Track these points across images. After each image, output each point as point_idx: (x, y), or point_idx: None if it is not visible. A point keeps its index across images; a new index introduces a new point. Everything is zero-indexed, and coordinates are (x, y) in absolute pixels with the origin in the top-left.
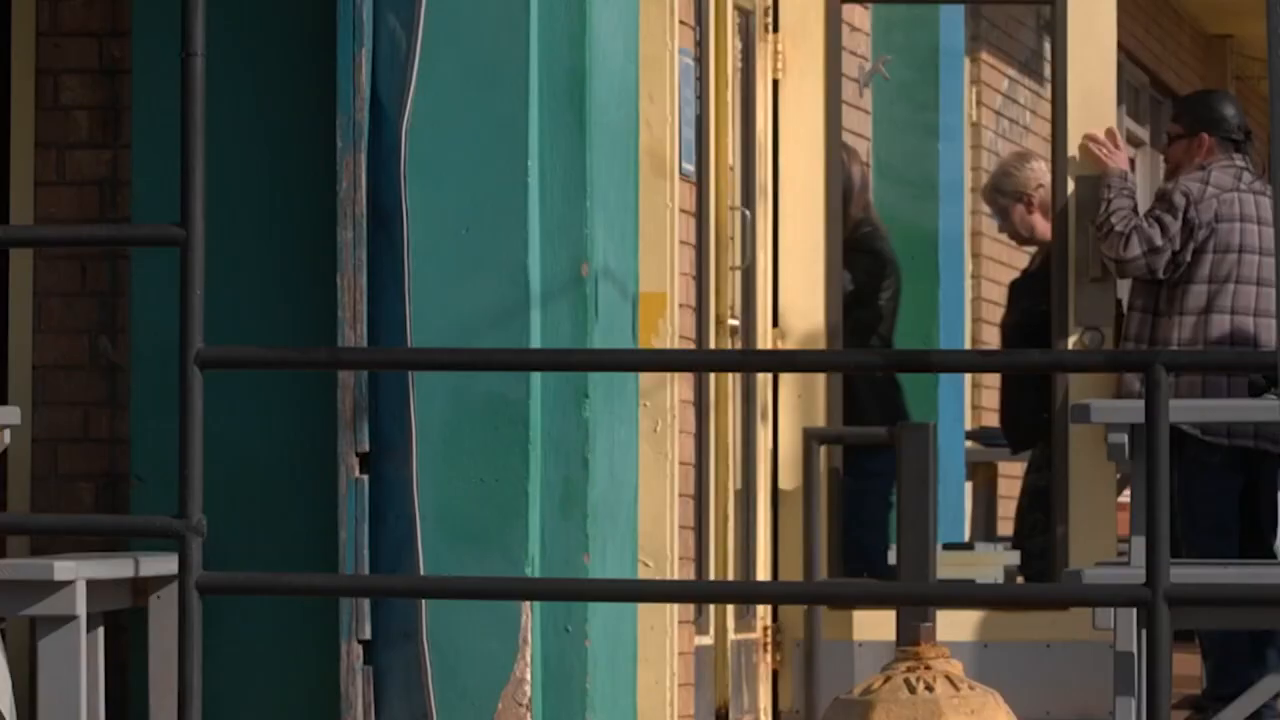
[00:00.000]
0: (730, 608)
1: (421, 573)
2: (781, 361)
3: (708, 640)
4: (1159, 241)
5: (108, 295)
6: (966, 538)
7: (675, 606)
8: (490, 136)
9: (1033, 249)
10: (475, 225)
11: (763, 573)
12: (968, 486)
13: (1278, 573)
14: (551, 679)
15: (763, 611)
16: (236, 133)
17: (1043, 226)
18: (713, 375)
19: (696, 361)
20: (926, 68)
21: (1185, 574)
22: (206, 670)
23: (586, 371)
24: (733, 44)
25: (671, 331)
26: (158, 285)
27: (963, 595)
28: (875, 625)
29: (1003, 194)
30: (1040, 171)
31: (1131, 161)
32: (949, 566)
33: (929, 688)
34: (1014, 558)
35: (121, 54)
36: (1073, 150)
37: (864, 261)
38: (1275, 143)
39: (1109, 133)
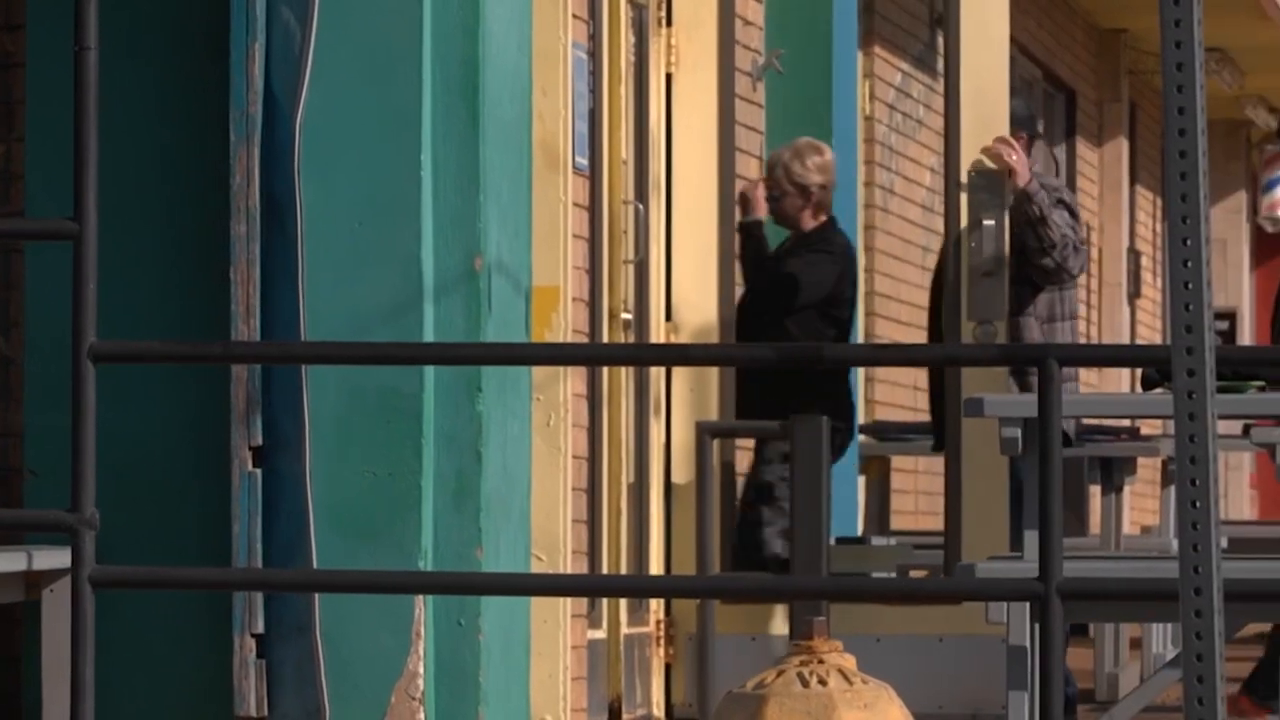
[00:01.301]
0: (623, 602)
1: (314, 566)
2: (675, 355)
3: (600, 634)
4: (1082, 244)
5: (0, 289)
6: (860, 532)
7: (568, 600)
8: (384, 130)
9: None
10: (369, 219)
11: (655, 566)
12: (861, 480)
13: (1170, 566)
14: (444, 672)
15: (655, 605)
16: (130, 127)
17: (810, 223)
18: (606, 369)
19: (589, 355)
20: (819, 62)
21: (1078, 568)
22: (99, 663)
23: (480, 365)
24: (626, 38)
25: (564, 325)
26: (51, 279)
27: (855, 589)
28: (769, 619)
29: (789, 178)
30: (828, 169)
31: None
32: (842, 560)
33: (822, 682)
34: (907, 551)
35: (15, 47)
36: (965, 144)
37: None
38: (1169, 137)
39: (1005, 140)
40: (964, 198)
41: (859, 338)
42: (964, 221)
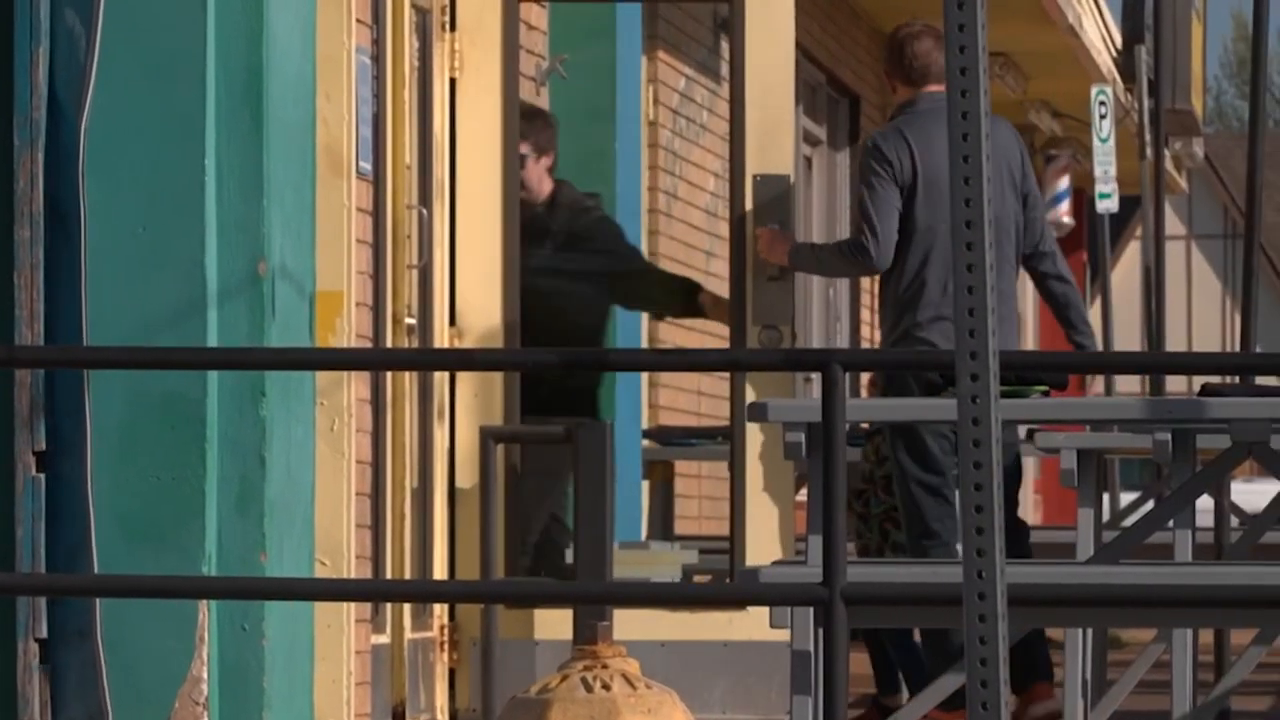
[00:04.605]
0: (407, 606)
1: (96, 571)
2: (458, 360)
3: (384, 639)
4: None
5: None
6: (644, 536)
7: (352, 605)
8: (168, 135)
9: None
10: (152, 224)
11: (440, 571)
12: (645, 485)
13: (954, 571)
14: (228, 677)
15: (440, 610)
16: None
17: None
18: (390, 374)
19: (373, 360)
20: (603, 66)
21: (862, 573)
22: None
23: (264, 370)
24: (410, 42)
25: (348, 330)
26: None
27: (639, 594)
28: (553, 624)
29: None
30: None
31: (808, 160)
32: (626, 565)
33: (606, 686)
34: (691, 556)
35: None
36: (749, 148)
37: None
38: (953, 141)
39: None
40: (748, 202)
41: (643, 342)
42: (748, 226)
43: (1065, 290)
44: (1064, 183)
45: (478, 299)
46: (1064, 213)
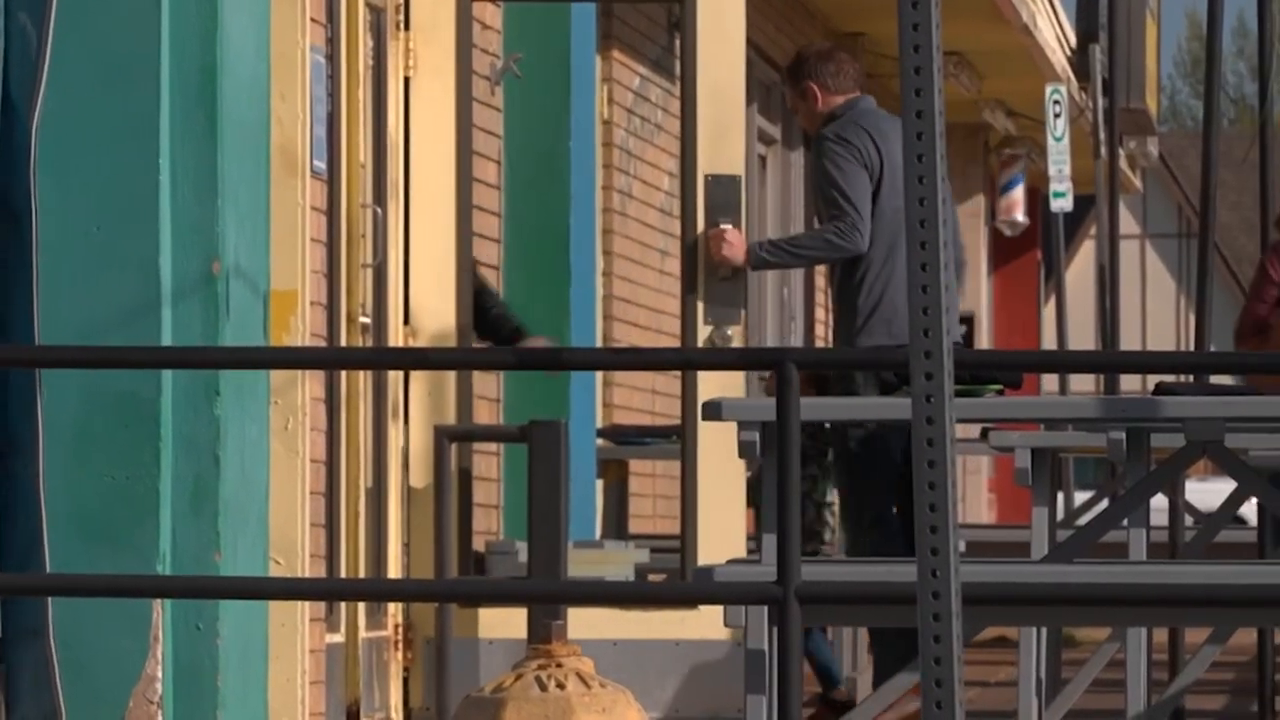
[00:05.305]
0: (361, 605)
1: (50, 570)
2: (413, 359)
3: (339, 638)
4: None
5: None
6: (598, 535)
7: (306, 604)
8: (122, 134)
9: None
10: (106, 223)
11: (394, 570)
12: (599, 484)
13: (908, 570)
14: (183, 676)
15: (394, 609)
16: None
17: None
18: (344, 373)
19: (327, 359)
20: (558, 65)
21: (816, 571)
22: None
23: (218, 369)
24: (364, 42)
25: (303, 329)
26: None
27: (594, 593)
28: (507, 623)
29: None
30: None
31: (763, 159)
32: (580, 564)
33: (560, 685)
34: (644, 555)
35: None
36: (702, 147)
37: None
38: (907, 140)
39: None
40: (701, 201)
41: (597, 341)
42: (700, 225)
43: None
44: (1014, 173)
45: (431, 298)
46: (1014, 204)
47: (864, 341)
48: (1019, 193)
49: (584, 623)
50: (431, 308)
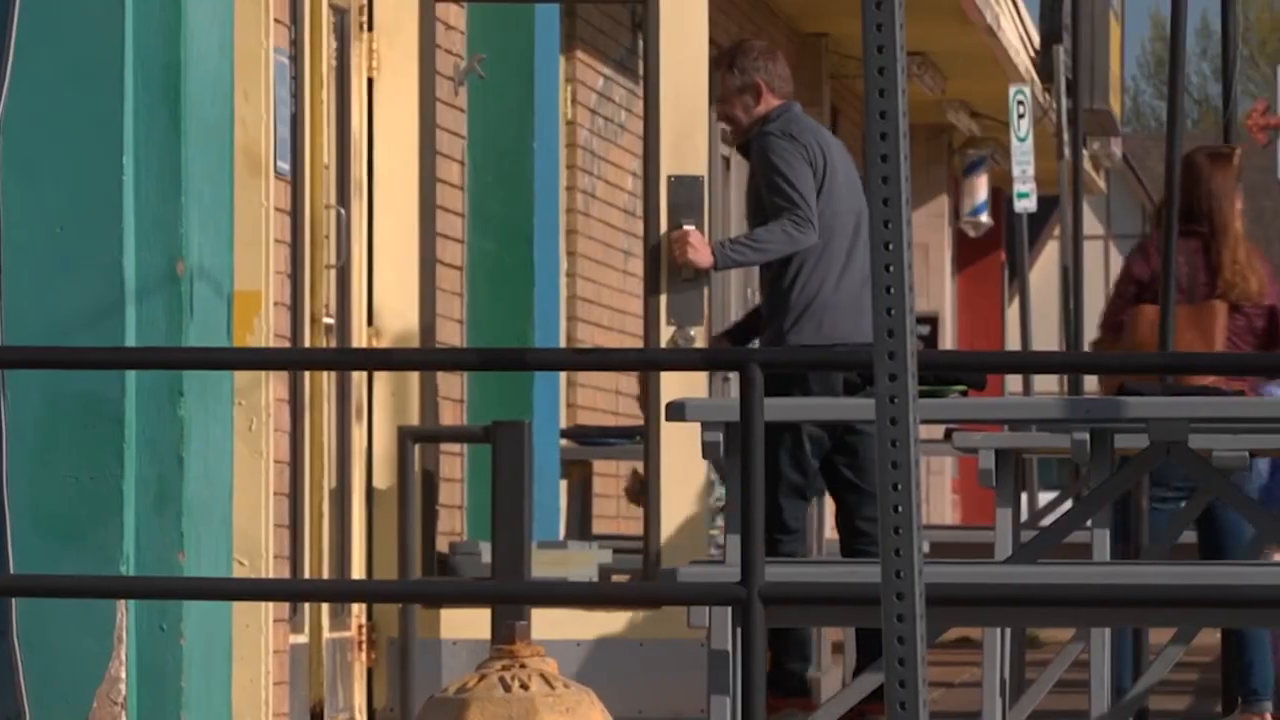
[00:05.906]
0: (325, 606)
1: (13, 570)
2: (376, 360)
3: (302, 639)
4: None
5: None
6: (561, 536)
7: (270, 605)
8: (85, 134)
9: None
10: (70, 223)
11: (357, 571)
12: (563, 485)
13: (872, 571)
14: (146, 677)
15: (357, 610)
16: None
17: None
18: (308, 374)
19: (291, 360)
20: (521, 66)
21: (780, 572)
22: None
23: (181, 370)
24: (328, 42)
25: (266, 330)
26: None
27: (557, 594)
28: (470, 624)
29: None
30: None
31: (726, 160)
32: (543, 565)
33: (524, 686)
34: (608, 556)
35: None
36: (665, 148)
37: None
38: (871, 141)
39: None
40: (664, 202)
41: (561, 342)
42: (664, 226)
43: None
44: (982, 193)
45: (395, 299)
46: (981, 192)
47: (793, 340)
48: (982, 179)
49: (548, 623)
50: (395, 308)
